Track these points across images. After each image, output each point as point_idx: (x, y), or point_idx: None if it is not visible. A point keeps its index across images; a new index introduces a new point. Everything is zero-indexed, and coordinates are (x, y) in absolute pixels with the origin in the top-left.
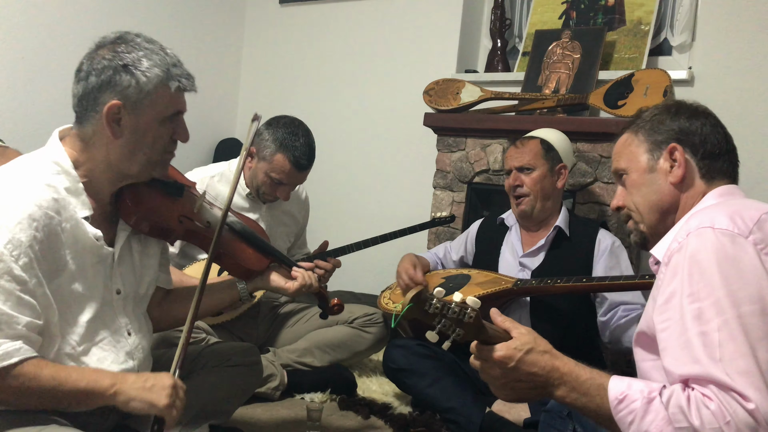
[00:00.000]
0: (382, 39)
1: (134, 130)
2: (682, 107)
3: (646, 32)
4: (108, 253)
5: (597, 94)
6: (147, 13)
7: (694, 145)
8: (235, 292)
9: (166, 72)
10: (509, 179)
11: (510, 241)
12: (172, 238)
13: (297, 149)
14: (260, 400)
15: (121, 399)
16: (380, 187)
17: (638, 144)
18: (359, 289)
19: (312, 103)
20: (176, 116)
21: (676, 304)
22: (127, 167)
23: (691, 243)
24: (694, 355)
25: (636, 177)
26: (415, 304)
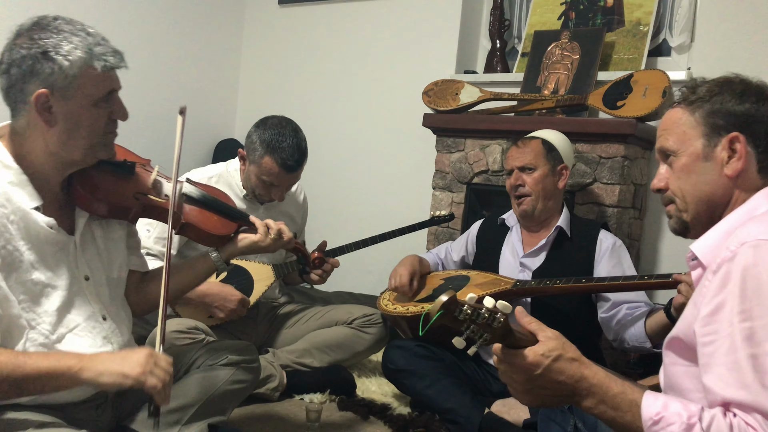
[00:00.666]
0: (381, 40)
1: (67, 116)
2: (749, 88)
3: (645, 33)
4: (68, 241)
5: (596, 95)
6: (146, 14)
7: (757, 136)
8: (210, 262)
9: (89, 52)
10: (510, 179)
11: (511, 241)
12: (130, 216)
13: (284, 151)
14: (259, 400)
15: (87, 375)
16: (379, 187)
17: (693, 125)
18: (358, 290)
19: (311, 103)
20: (110, 96)
21: (724, 318)
22: (68, 154)
23: (746, 255)
24: (742, 380)
25: (687, 162)
26: (445, 311)
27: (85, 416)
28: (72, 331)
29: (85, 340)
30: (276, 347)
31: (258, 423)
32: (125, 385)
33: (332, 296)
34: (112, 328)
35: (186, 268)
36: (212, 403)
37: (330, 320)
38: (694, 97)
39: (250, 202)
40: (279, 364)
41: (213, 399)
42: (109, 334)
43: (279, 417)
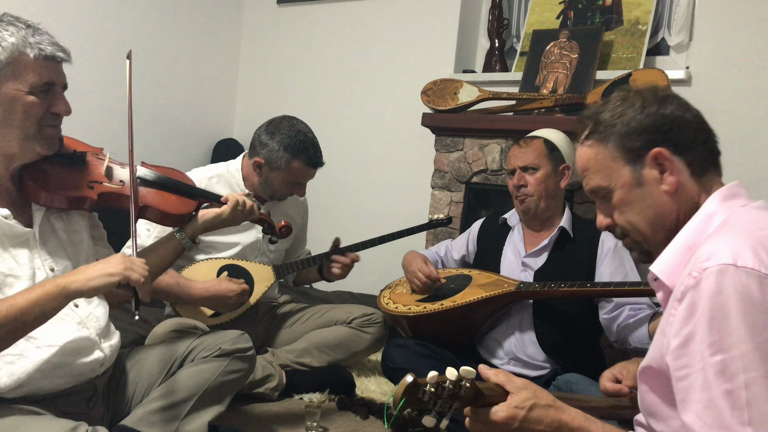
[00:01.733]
0: (380, 39)
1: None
2: (646, 98)
3: (644, 32)
4: (27, 234)
5: (595, 94)
6: (145, 14)
7: (677, 142)
8: (176, 242)
9: (22, 40)
10: (513, 179)
11: (512, 240)
12: (87, 205)
13: (308, 150)
14: (259, 400)
15: (76, 286)
16: (378, 187)
17: (612, 156)
18: (357, 290)
19: (310, 103)
20: (49, 88)
21: (695, 351)
22: (5, 145)
23: (710, 282)
24: (720, 419)
25: (622, 194)
26: (408, 397)
27: (75, 410)
28: None
29: (58, 326)
30: (275, 347)
31: (257, 422)
32: (113, 282)
33: (331, 296)
34: (87, 313)
35: (152, 250)
36: (208, 395)
37: (329, 320)
38: (600, 128)
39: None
40: (278, 364)
41: (209, 391)
42: (84, 319)
43: (278, 416)
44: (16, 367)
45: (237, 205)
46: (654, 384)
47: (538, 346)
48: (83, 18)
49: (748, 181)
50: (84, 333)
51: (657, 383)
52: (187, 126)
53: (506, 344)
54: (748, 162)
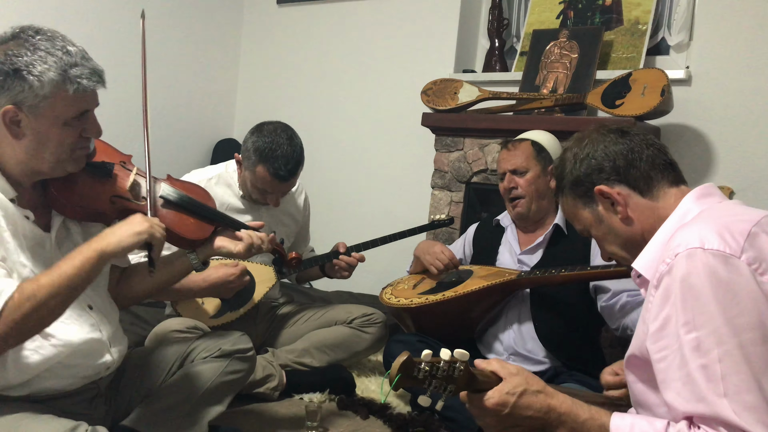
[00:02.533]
0: (380, 39)
1: (35, 132)
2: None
3: (644, 32)
4: (45, 237)
5: (595, 94)
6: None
7: (611, 175)
8: (186, 261)
9: (63, 75)
10: (504, 182)
11: (507, 240)
12: (107, 220)
13: (277, 160)
14: (259, 400)
15: (111, 248)
16: (378, 187)
17: (573, 204)
18: (358, 290)
19: (310, 103)
20: (83, 115)
21: (671, 332)
22: (36, 165)
23: (681, 265)
24: (697, 392)
25: (595, 232)
26: (403, 373)
27: (78, 410)
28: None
29: (72, 327)
30: (275, 347)
31: (257, 422)
32: (141, 241)
33: (332, 296)
34: (99, 316)
35: (162, 266)
36: (209, 396)
37: (329, 320)
38: (558, 183)
39: (250, 203)
40: (278, 364)
41: (209, 391)
42: (96, 322)
43: (278, 416)
44: (29, 362)
45: (251, 248)
46: (639, 373)
47: (537, 340)
48: (83, 18)
49: (747, 180)
50: (96, 335)
51: (642, 372)
52: (187, 126)
53: (505, 339)
54: (747, 162)
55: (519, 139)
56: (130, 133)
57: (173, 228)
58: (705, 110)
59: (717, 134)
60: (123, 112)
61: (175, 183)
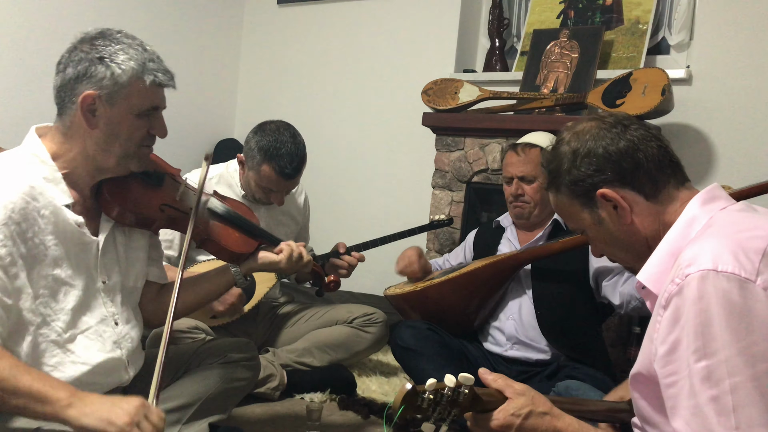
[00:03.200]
0: (381, 39)
1: (109, 122)
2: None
3: (644, 31)
4: (92, 242)
5: (595, 94)
6: (146, 14)
7: (616, 177)
8: (230, 276)
9: (142, 66)
10: (511, 187)
11: (507, 239)
12: (154, 227)
13: (282, 158)
14: (260, 400)
15: (71, 413)
16: (379, 186)
17: (569, 202)
18: (358, 290)
19: (310, 103)
20: (153, 111)
21: (681, 357)
22: (103, 159)
23: (692, 288)
24: (708, 426)
25: (593, 233)
26: (407, 404)
27: None
28: (83, 333)
29: (94, 343)
30: (276, 346)
31: (258, 422)
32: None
33: (332, 295)
34: (123, 333)
35: (206, 280)
36: (212, 402)
37: (330, 319)
38: (551, 178)
39: (250, 202)
40: (279, 364)
41: (213, 397)
42: (120, 339)
43: (279, 416)
44: None
45: (291, 256)
46: (645, 391)
47: (538, 329)
48: (83, 18)
49: (747, 179)
50: (117, 353)
51: (647, 390)
52: (187, 126)
53: (507, 329)
54: (748, 161)
55: (529, 143)
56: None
57: (219, 240)
58: (705, 110)
59: (717, 133)
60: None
61: (221, 198)
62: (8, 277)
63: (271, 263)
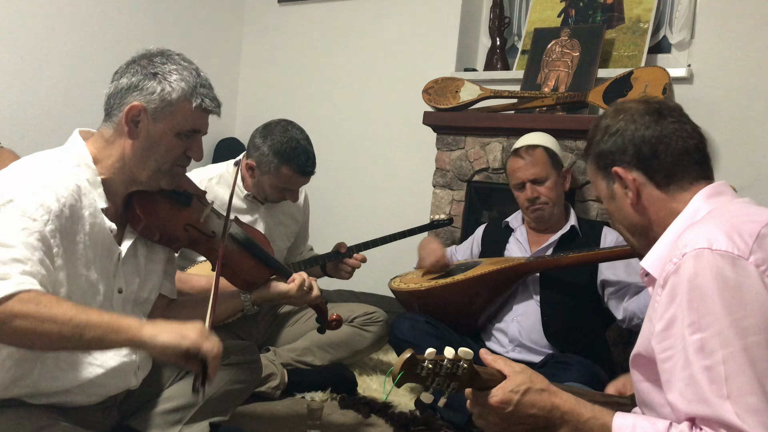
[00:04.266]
0: (381, 38)
1: (149, 136)
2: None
3: (645, 30)
4: (116, 251)
5: (596, 92)
6: (146, 13)
7: (632, 158)
8: (239, 302)
9: (192, 89)
10: (525, 192)
11: (516, 240)
12: (176, 245)
13: (299, 158)
14: (261, 399)
15: (148, 333)
16: (380, 186)
17: (594, 172)
18: (359, 289)
19: (311, 102)
20: (193, 133)
21: (676, 332)
22: (138, 171)
23: (688, 266)
24: (700, 394)
25: (606, 205)
26: (406, 371)
27: (92, 418)
28: None
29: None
30: (277, 346)
31: (259, 421)
32: (182, 346)
33: (333, 294)
34: None
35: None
36: (214, 403)
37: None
38: (587, 145)
39: (251, 202)
40: (280, 363)
41: (215, 399)
42: None
43: (280, 415)
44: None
45: (303, 285)
46: (644, 372)
47: (542, 332)
48: (83, 18)
49: (748, 178)
50: (131, 358)
51: (647, 371)
52: None
53: (510, 331)
54: (749, 160)
55: (532, 145)
56: None
57: (233, 266)
58: (706, 108)
59: (719, 132)
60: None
61: (241, 224)
62: (54, 267)
63: (281, 293)
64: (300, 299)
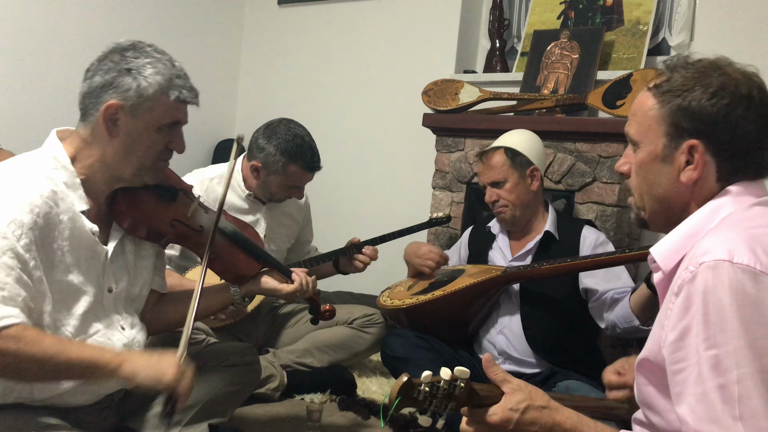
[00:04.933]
0: (381, 40)
1: (129, 133)
2: (725, 86)
3: (645, 32)
4: (102, 251)
5: (595, 94)
6: (146, 14)
7: (721, 144)
8: (228, 295)
9: (168, 81)
10: (486, 195)
11: (498, 247)
12: (163, 241)
13: (306, 155)
14: (260, 400)
15: (126, 371)
16: (379, 187)
17: (659, 120)
18: (358, 290)
19: (311, 103)
20: (174, 126)
21: (690, 345)
22: (120, 169)
23: (706, 277)
24: (712, 413)
25: (645, 158)
26: (403, 396)
27: (89, 419)
28: (92, 337)
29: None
30: (276, 347)
31: (258, 423)
32: (159, 386)
33: (333, 296)
34: (131, 337)
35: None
36: (213, 405)
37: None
38: (667, 87)
39: (252, 202)
40: (279, 364)
41: (214, 400)
42: (129, 342)
43: (279, 417)
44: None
45: (301, 288)
46: (650, 377)
47: (527, 345)
48: (83, 18)
49: None
50: None
51: (653, 376)
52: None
53: (498, 343)
54: None
55: (492, 148)
56: None
57: (225, 259)
58: None
59: None
60: None
61: (228, 218)
62: (33, 281)
63: (273, 289)
64: (291, 297)
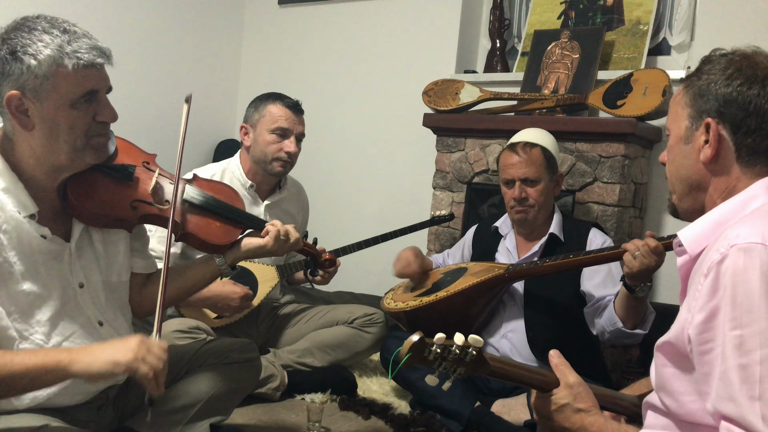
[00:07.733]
0: (381, 40)
1: (44, 119)
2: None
3: (645, 32)
4: (63, 248)
5: (596, 94)
6: (146, 14)
7: (735, 122)
8: (214, 266)
9: (59, 50)
10: (513, 191)
11: (505, 248)
12: (129, 226)
13: (282, 97)
14: (261, 400)
15: (77, 367)
16: (379, 187)
17: (684, 105)
18: (359, 290)
19: (311, 103)
20: (91, 96)
21: (717, 325)
22: (53, 158)
23: (736, 259)
24: (730, 391)
25: (672, 143)
26: (414, 353)
27: (86, 417)
28: (68, 338)
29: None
30: (277, 347)
31: (259, 423)
32: (117, 372)
33: (333, 296)
34: (110, 332)
35: (190, 270)
36: (214, 402)
37: (331, 320)
38: (697, 74)
39: (253, 197)
40: (280, 364)
41: (214, 398)
42: (107, 338)
43: (280, 417)
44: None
45: (279, 235)
46: (671, 358)
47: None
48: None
49: None
50: None
51: (672, 359)
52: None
53: (502, 349)
54: None
55: (530, 143)
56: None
57: (198, 233)
58: None
59: None
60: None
61: (201, 183)
62: None
63: (257, 248)
64: (281, 249)
